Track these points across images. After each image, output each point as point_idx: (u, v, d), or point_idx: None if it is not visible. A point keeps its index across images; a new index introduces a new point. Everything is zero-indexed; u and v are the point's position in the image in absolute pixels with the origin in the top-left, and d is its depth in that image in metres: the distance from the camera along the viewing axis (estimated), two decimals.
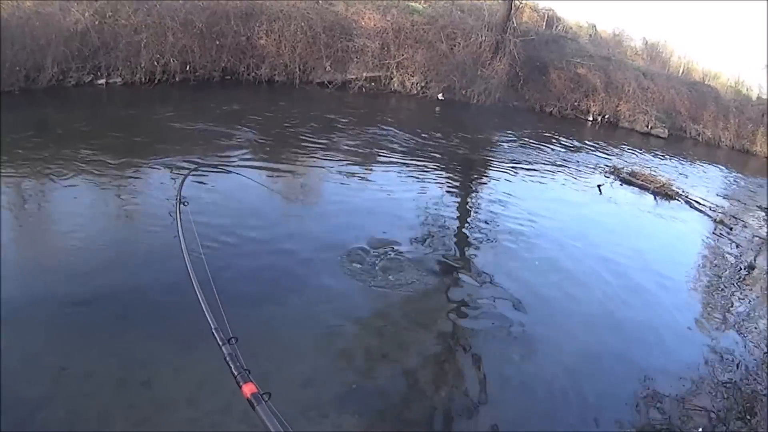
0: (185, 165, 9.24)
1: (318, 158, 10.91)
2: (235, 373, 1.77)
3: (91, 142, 9.22)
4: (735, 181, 19.85)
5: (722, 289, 9.41)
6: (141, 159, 9.04)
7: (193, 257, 6.03)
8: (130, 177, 8.41)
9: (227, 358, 1.88)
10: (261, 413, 1.58)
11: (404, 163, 11.71)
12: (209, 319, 2.11)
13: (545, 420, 5.18)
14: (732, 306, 8.84)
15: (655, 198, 13.65)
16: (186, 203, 3.52)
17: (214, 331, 2.04)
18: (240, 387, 1.68)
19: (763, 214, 15.36)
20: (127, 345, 4.85)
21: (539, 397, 5.41)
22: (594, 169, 15.10)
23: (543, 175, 13.34)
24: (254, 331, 5.30)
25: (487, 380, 5.41)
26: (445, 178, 11.54)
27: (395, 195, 9.72)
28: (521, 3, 21.36)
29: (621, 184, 14.15)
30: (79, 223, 6.92)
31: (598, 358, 6.39)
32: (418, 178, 10.98)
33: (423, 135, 14.18)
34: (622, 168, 15.29)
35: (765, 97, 28.43)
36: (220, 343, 1.99)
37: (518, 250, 8.49)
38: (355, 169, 10.67)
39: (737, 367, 6.88)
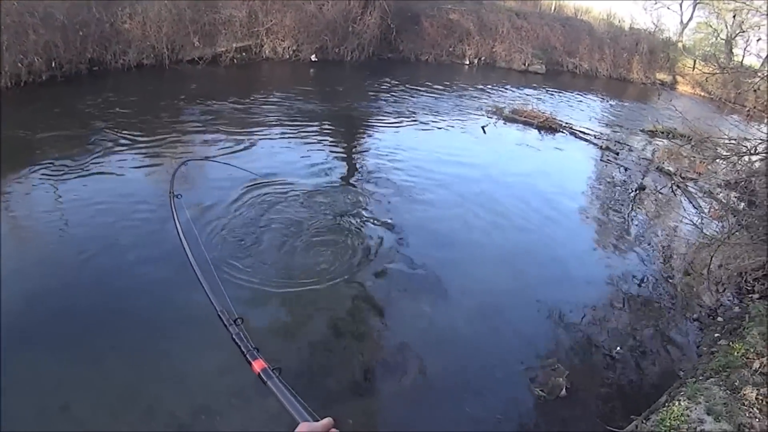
0: (176, 158, 9.72)
1: (195, 140, 11.04)
2: (244, 351, 1.87)
3: None
4: (616, 108, 22.05)
5: (617, 211, 10.64)
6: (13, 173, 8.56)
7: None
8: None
9: (235, 338, 1.98)
10: (273, 387, 1.66)
11: (285, 130, 12.25)
12: (213, 302, 2.24)
13: (468, 364, 5.62)
14: (628, 225, 9.99)
15: (540, 132, 15.18)
16: (179, 196, 3.52)
17: (219, 313, 2.15)
18: (250, 364, 1.77)
19: (646, 136, 17.16)
20: (36, 370, 4.78)
21: (458, 343, 5.86)
22: (476, 111, 16.44)
23: (426, 123, 14.41)
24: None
25: (403, 337, 5.73)
26: (329, 139, 12.19)
27: (280, 165, 9.89)
28: None
29: (505, 123, 15.55)
30: None
31: (509, 294, 6.94)
32: (301, 143, 11.49)
33: (300, 99, 14.93)
34: (504, 107, 16.77)
35: (637, 27, 30.89)
36: (227, 324, 2.08)
37: (412, 202, 9.04)
38: (235, 145, 10.80)
39: (642, 283, 7.85)
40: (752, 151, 8.17)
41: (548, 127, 15.42)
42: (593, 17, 32.23)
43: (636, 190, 11.89)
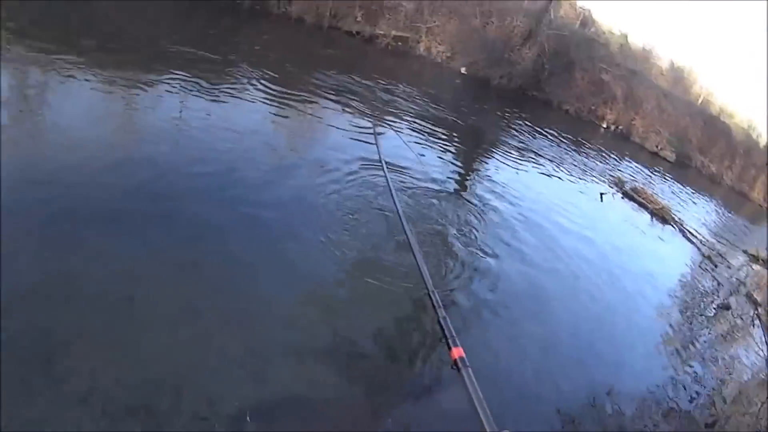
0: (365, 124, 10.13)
1: (327, 106, 11.10)
2: (447, 336, 1.87)
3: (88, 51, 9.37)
4: (729, 220, 21.25)
5: (694, 321, 10.23)
6: (139, 74, 9.03)
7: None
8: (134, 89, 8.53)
9: (441, 322, 1.96)
10: (465, 377, 1.68)
11: (415, 127, 12.28)
12: (426, 282, 2.22)
13: (510, 413, 5.51)
14: (699, 338, 9.57)
15: (651, 218, 14.72)
16: (387, 164, 3.26)
17: (430, 293, 2.14)
18: (450, 349, 1.77)
19: (747, 258, 16.51)
20: (114, 256, 4.92)
21: (507, 389, 5.80)
22: (598, 176, 16.16)
23: (548, 169, 14.29)
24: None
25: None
26: (453, 151, 12.15)
27: (401, 156, 9.75)
28: None
29: (622, 197, 15.18)
30: (82, 127, 6.99)
31: (567, 361, 6.86)
32: (426, 143, 11.50)
33: (439, 104, 14.96)
34: (626, 182, 16.40)
35: None
36: (436, 306, 2.07)
37: (512, 240, 8.81)
38: (363, 123, 10.80)
39: (691, 396, 7.52)
40: None
41: (661, 215, 14.96)
42: (734, 123, 31.52)
43: (719, 307, 11.41)
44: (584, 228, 11.23)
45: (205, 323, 4.62)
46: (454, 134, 13.27)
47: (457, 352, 1.81)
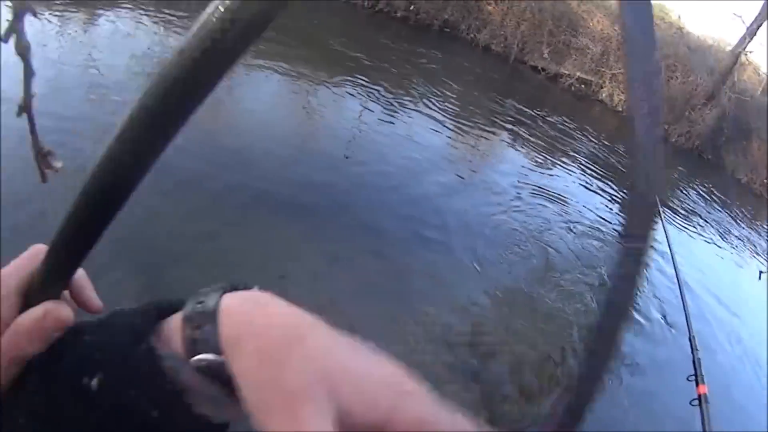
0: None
1: (501, 143, 11.46)
2: (697, 374, 2.04)
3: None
4: None
5: None
6: (324, 74, 10.08)
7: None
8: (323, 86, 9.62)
9: (695, 361, 2.14)
10: (704, 412, 1.80)
11: (585, 170, 12.46)
12: (689, 326, 2.46)
13: None
14: None
15: None
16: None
17: (690, 338, 2.34)
18: (697, 385, 1.92)
19: None
20: (279, 237, 5.43)
21: None
22: (761, 252, 15.43)
23: (711, 237, 14.08)
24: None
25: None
26: (619, 199, 12.08)
27: (569, 193, 10.15)
28: (747, 60, 21.47)
29: None
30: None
31: None
32: (594, 188, 11.65)
33: (613, 152, 14.97)
34: None
35: None
36: (694, 350, 2.26)
37: (665, 304, 8.62)
38: (533, 163, 11.14)
39: None
40: None
41: None
42: None
43: None
44: (734, 302, 10.91)
45: (347, 317, 4.75)
46: (624, 185, 13.13)
47: (702, 389, 1.97)
